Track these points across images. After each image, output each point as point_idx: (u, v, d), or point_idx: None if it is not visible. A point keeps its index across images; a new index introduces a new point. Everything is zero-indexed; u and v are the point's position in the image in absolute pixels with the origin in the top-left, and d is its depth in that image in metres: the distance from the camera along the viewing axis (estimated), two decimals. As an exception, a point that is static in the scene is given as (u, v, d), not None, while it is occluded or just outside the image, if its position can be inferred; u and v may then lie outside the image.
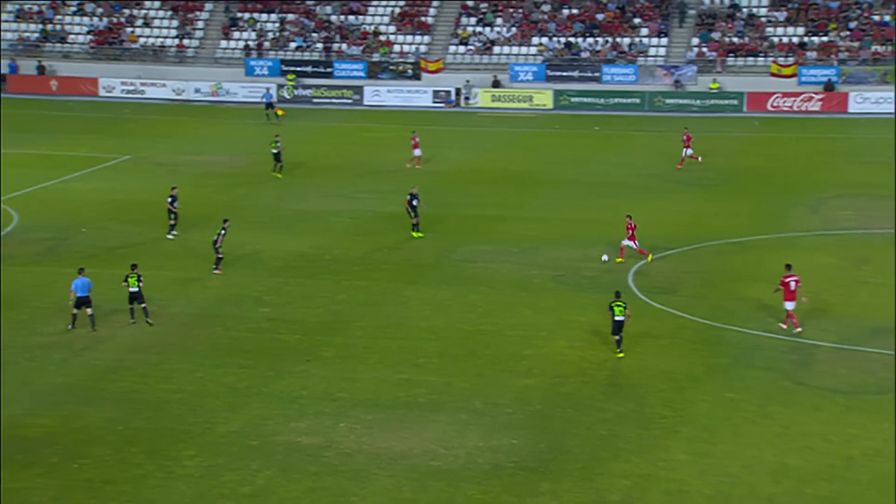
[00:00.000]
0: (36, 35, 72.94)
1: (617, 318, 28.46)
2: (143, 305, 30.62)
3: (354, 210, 42.94)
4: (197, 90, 69.47)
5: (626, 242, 36.15)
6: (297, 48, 72.32)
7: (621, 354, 28.56)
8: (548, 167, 51.26)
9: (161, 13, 74.55)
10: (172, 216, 38.76)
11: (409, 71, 70.22)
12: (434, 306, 32.55)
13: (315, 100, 69.45)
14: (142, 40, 72.96)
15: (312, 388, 26.72)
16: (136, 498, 21.70)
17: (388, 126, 61.26)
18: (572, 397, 26.35)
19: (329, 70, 70.63)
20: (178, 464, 22.94)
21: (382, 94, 69.20)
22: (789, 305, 29.96)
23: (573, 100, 67.47)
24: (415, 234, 38.22)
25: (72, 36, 73.15)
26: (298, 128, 61.25)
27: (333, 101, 69.29)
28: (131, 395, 26.17)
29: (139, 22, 73.86)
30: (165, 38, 73.28)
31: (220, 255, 34.95)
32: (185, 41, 72.97)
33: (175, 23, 73.95)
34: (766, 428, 24.57)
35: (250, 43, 72.57)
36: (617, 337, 28.59)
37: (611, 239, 38.56)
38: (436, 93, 68.88)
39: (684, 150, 50.00)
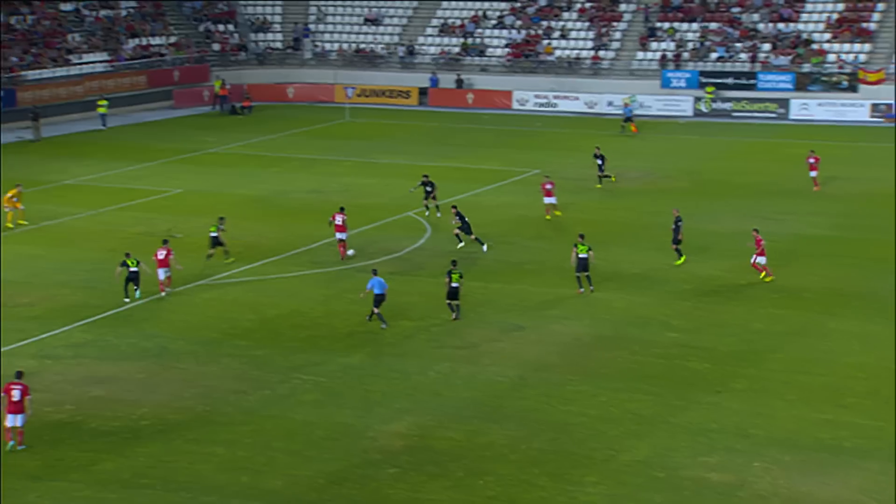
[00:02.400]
0: (456, 48, 77.25)
1: None
2: (457, 302, 32.43)
3: (773, 232, 41.51)
4: (609, 103, 70.37)
5: (757, 259, 35.89)
6: (719, 59, 71.29)
7: None
8: None
9: (578, 24, 76.36)
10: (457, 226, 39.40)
11: (845, 82, 66.99)
12: (863, 341, 30.69)
13: (734, 113, 68.08)
14: (557, 52, 75.10)
15: (723, 421, 26.05)
16: (537, 520, 22.16)
17: (815, 142, 58.76)
18: None
19: (752, 82, 68.99)
20: (580, 490, 23.17)
21: (811, 108, 66.54)
22: None
23: None
24: (678, 262, 37.30)
25: (490, 49, 76.76)
26: (715, 143, 60.28)
27: (755, 114, 67.56)
28: (534, 414, 26.81)
29: (556, 34, 76.12)
30: (581, 49, 74.97)
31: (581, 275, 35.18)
32: (601, 52, 74.25)
33: (591, 34, 75.46)
34: None
35: (668, 54, 72.52)
36: None
37: None
38: (874, 106, 65.17)
39: (810, 171, 47.99)
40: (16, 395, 24.98)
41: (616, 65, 73.65)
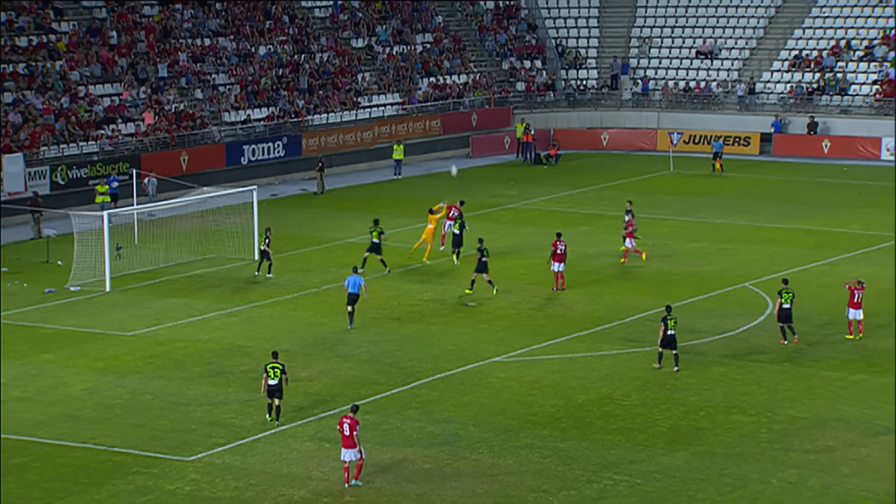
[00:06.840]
0: (810, 86, 75.47)
1: None
2: (674, 351, 35.05)
3: None
4: None
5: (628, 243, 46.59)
6: None
7: None
8: None
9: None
10: None
11: None
12: None
13: None
14: (941, 90, 72.06)
15: None
16: None
17: None
18: None
19: None
20: None
21: None
22: None
23: None
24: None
25: (853, 86, 74.59)
26: None
27: None
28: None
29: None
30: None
31: None
32: None
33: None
34: None
35: None
36: None
37: None
38: None
39: (626, 239, 47.37)
40: (346, 429, 28.01)
41: None
